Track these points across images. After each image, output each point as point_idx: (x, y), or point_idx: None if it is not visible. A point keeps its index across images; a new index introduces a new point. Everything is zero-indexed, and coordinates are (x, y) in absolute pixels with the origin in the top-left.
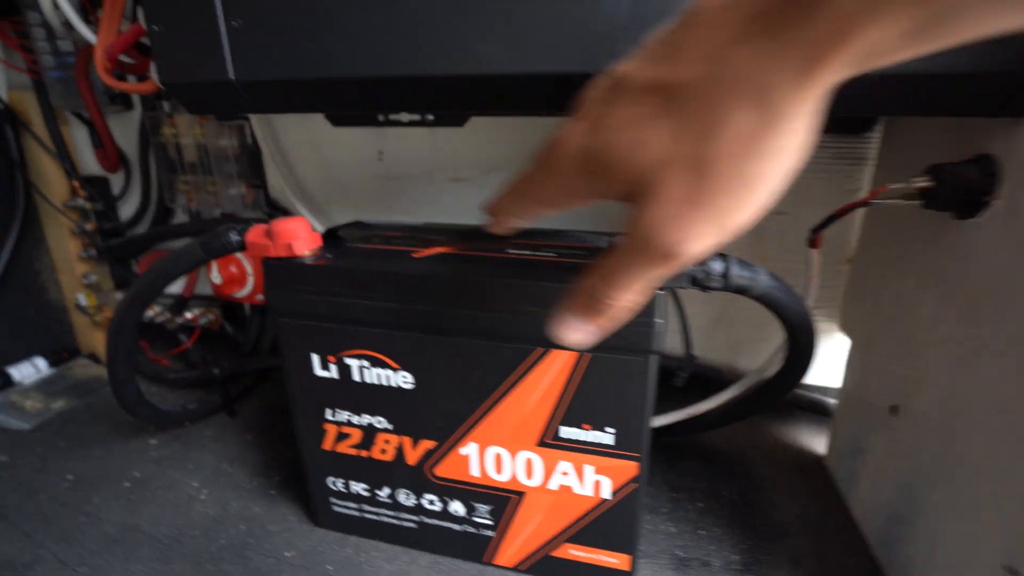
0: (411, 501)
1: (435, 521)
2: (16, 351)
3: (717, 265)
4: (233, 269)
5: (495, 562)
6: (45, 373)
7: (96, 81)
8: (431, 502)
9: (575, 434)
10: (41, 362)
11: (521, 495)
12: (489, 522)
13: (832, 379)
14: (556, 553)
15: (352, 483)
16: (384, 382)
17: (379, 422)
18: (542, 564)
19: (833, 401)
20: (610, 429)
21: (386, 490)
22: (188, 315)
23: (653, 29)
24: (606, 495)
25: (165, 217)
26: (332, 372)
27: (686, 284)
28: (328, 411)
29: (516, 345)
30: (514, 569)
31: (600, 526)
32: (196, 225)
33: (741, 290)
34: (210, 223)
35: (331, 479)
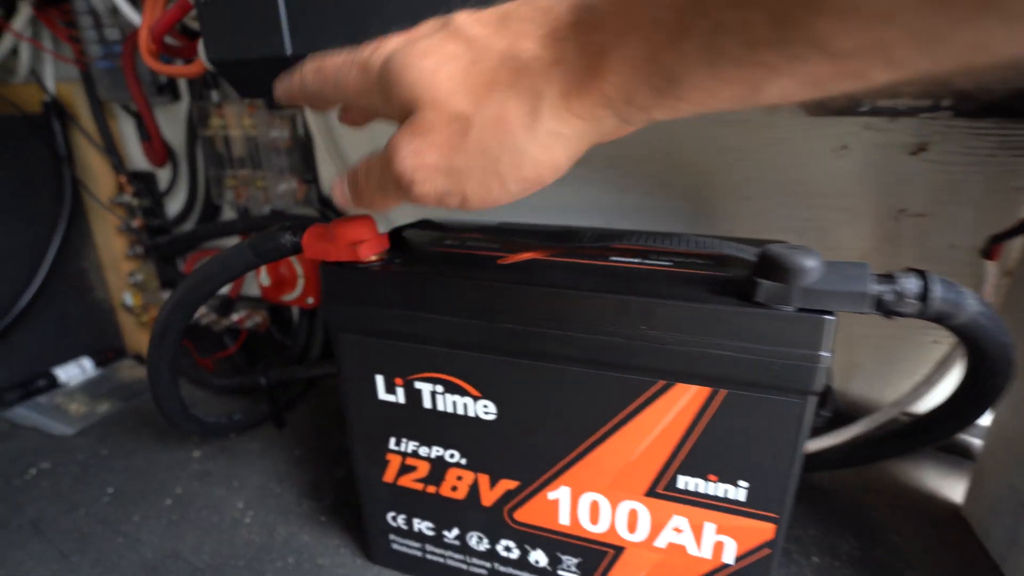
0: (483, 546)
1: (511, 570)
2: (63, 351)
3: (912, 284)
4: (283, 270)
5: None
6: (91, 374)
7: (143, 71)
8: (508, 549)
9: (696, 485)
10: (87, 362)
11: (620, 550)
12: None
13: None
14: None
15: (416, 520)
16: (460, 411)
17: (451, 456)
18: None
19: (976, 440)
20: (743, 482)
21: (455, 531)
22: (235, 317)
23: None
24: (728, 560)
25: (212, 214)
26: (399, 397)
27: (868, 309)
28: (392, 440)
29: (630, 376)
30: None
31: None
32: (244, 223)
33: (940, 318)
34: (259, 220)
35: (391, 514)
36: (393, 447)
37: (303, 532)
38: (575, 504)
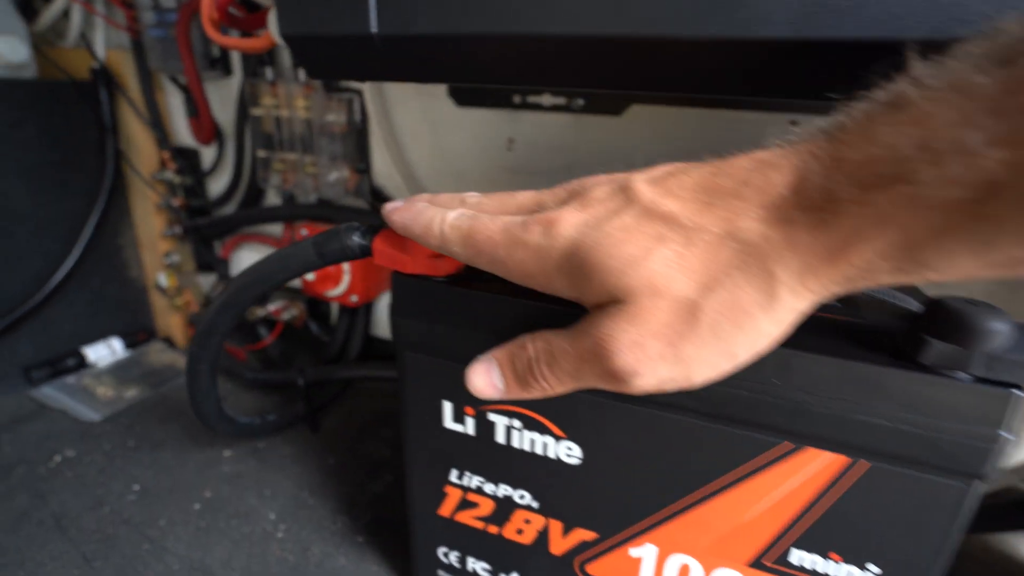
0: None
1: None
2: (93, 329)
3: None
4: None
5: None
6: (120, 356)
7: (197, 43)
8: None
9: (814, 563)
10: (117, 343)
11: None
12: None
13: None
14: None
15: (471, 559)
16: (539, 450)
17: (521, 497)
18: None
19: None
20: (873, 567)
21: None
22: (271, 307)
23: None
24: None
25: (256, 198)
26: (468, 427)
27: None
28: (454, 472)
29: (752, 433)
30: None
31: None
32: (290, 210)
33: None
34: (306, 209)
35: (443, 549)
36: (454, 480)
37: (339, 553)
38: (661, 565)
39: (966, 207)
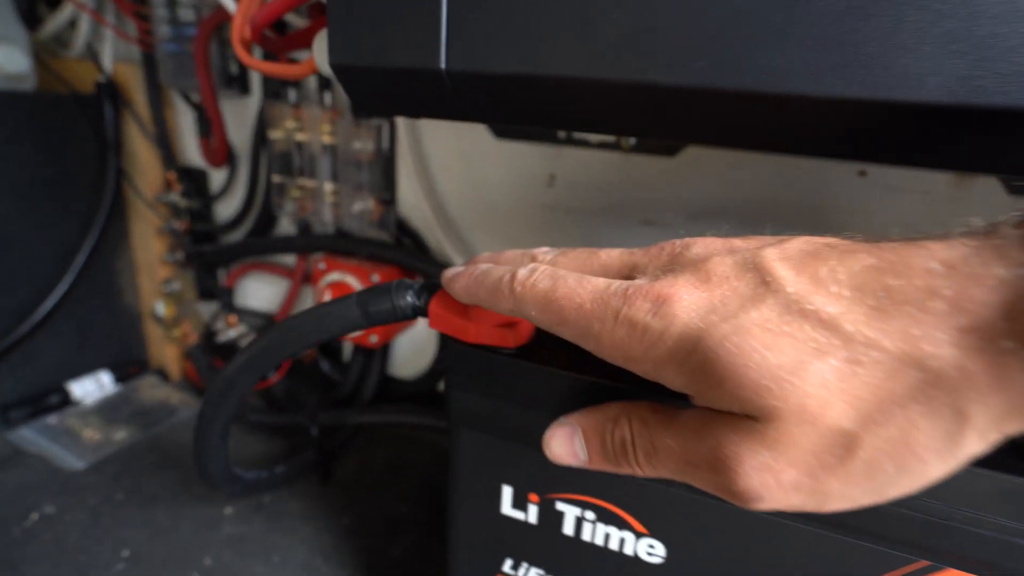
0: None
1: None
2: (81, 362)
3: None
4: None
5: None
6: (109, 391)
7: (215, 60)
8: None
9: None
10: (106, 377)
11: None
12: None
13: None
14: None
15: None
16: (613, 546)
17: None
18: None
19: None
20: None
21: None
22: None
23: None
24: None
25: (267, 225)
26: (530, 516)
27: None
28: (508, 562)
29: (881, 547)
30: None
31: None
32: (305, 240)
33: None
34: (323, 240)
35: None
36: (508, 570)
37: None
38: None
39: None
